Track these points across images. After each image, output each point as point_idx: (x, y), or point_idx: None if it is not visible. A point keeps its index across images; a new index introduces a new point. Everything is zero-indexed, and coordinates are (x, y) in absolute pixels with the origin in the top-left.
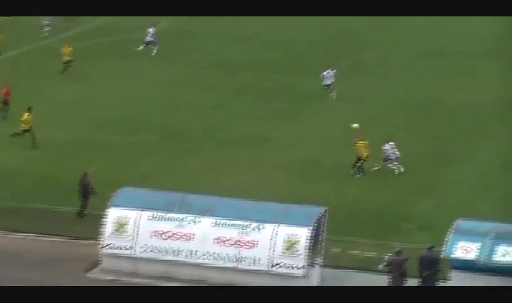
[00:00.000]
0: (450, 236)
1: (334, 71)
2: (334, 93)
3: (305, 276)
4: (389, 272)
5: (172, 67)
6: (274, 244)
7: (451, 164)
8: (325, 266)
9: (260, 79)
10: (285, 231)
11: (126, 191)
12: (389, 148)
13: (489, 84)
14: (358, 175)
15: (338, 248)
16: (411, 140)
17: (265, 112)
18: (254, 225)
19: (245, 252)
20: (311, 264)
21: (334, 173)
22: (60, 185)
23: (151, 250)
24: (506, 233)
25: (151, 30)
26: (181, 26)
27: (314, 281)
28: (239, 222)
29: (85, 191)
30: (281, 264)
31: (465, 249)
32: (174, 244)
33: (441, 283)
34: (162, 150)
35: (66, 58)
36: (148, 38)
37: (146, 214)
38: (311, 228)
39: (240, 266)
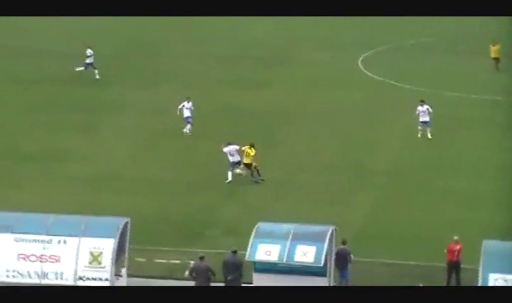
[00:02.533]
0: (252, 239)
1: (190, 103)
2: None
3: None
4: (194, 278)
5: None
6: (78, 257)
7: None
8: (130, 276)
9: (53, 92)
10: (89, 243)
11: None
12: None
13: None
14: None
15: (143, 258)
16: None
17: (62, 125)
18: (57, 239)
19: (49, 267)
20: (116, 275)
21: (134, 185)
22: None
23: None
24: (303, 234)
25: None
26: None
27: None
28: (41, 237)
29: None
30: (86, 277)
31: (267, 251)
32: None
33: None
34: None
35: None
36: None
37: None
38: (115, 239)
39: (45, 282)
